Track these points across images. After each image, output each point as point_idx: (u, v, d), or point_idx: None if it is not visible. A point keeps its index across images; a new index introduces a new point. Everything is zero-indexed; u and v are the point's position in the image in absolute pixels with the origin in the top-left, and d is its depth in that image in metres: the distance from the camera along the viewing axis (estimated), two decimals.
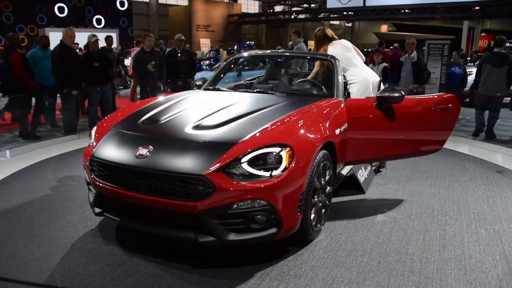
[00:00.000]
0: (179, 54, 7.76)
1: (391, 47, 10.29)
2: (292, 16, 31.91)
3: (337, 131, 3.27)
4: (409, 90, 6.73)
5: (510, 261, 2.80)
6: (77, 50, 9.41)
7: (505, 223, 3.43)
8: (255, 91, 4.04)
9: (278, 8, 37.07)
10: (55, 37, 9.29)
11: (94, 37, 6.35)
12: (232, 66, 5.13)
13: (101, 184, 2.79)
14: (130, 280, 2.51)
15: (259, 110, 3.18)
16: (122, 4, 19.34)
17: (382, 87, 4.38)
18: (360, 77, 4.27)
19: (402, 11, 24.49)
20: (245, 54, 5.14)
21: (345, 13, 26.88)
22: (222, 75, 4.80)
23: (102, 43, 8.59)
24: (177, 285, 2.46)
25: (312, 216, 2.90)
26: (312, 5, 33.52)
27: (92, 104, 6.63)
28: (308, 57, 5.34)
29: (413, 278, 2.57)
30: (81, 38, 11.17)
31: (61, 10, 17.06)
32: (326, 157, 3.00)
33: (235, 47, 19.27)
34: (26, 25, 16.14)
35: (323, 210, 3.17)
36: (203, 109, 3.28)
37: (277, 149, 2.55)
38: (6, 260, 2.77)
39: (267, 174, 2.50)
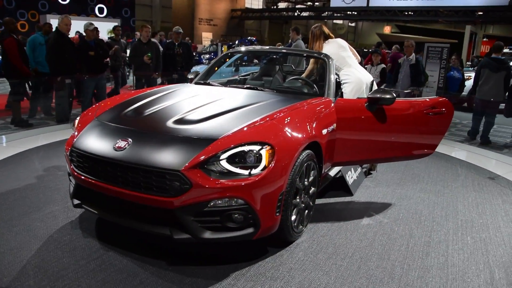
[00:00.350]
0: (176, 47, 7.69)
1: (392, 48, 10.22)
2: (296, 14, 31.75)
3: (324, 131, 3.21)
4: (406, 92, 6.66)
5: (493, 271, 2.75)
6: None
7: (492, 232, 3.38)
8: (245, 87, 3.98)
9: (282, 5, 36.88)
10: (56, 24, 9.17)
11: (91, 25, 6.28)
12: (226, 60, 5.06)
13: (80, 176, 2.74)
14: (103, 275, 2.46)
15: (245, 106, 3.12)
16: None
17: (376, 87, 4.32)
18: (354, 77, 4.22)
19: (406, 13, 24.35)
20: (239, 49, 5.07)
21: (348, 12, 26.74)
22: (215, 69, 4.74)
23: (104, 33, 8.52)
24: (149, 282, 2.41)
25: (293, 217, 2.85)
26: (316, 3, 33.39)
27: (86, 94, 6.57)
28: (303, 55, 5.25)
29: (393, 285, 2.52)
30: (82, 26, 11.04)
31: None
32: (311, 157, 2.94)
33: (236, 42, 19.16)
34: (27, 11, 16.02)
35: (306, 211, 3.12)
36: (188, 103, 3.22)
37: (257, 147, 2.49)
38: None
39: (246, 172, 2.44)
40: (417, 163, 5.25)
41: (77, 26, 11.21)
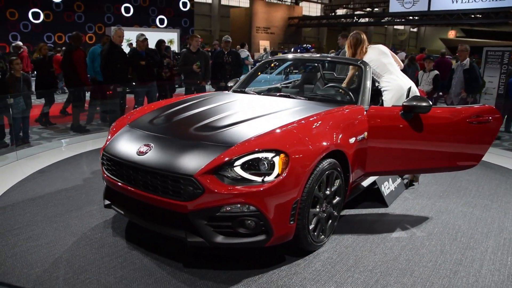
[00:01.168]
0: (225, 55, 7.89)
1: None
2: (354, 20, 31.05)
3: (352, 140, 3.13)
4: (459, 98, 6.26)
5: None
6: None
7: None
8: (277, 94, 4.00)
9: (340, 12, 36.32)
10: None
11: (142, 36, 6.67)
12: (266, 68, 5.12)
13: (109, 178, 2.92)
14: (122, 272, 2.60)
15: (269, 114, 3.14)
16: (184, 4, 20.14)
17: (414, 93, 4.12)
18: (394, 84, 4.07)
19: (472, 16, 22.75)
20: (275, 57, 5.11)
21: (410, 17, 25.60)
22: (253, 78, 4.81)
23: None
24: (163, 282, 2.51)
25: (312, 226, 2.80)
26: (376, 9, 32.38)
27: (138, 101, 6.96)
28: (340, 62, 5.15)
29: None
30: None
31: (127, 10, 18.17)
32: (333, 166, 2.88)
33: (291, 50, 19.20)
34: (94, 24, 17.42)
35: (330, 221, 3.06)
36: (216, 111, 3.31)
37: (271, 155, 2.49)
38: (23, 241, 3.00)
39: (259, 179, 2.46)
40: (467, 175, 4.91)
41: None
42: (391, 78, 4.09)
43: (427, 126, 3.40)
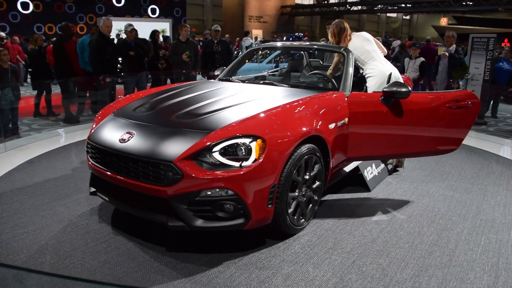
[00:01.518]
0: (215, 45, 7.90)
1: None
2: (347, 8, 30.82)
3: (332, 125, 3.19)
4: (445, 85, 6.33)
5: (500, 274, 2.60)
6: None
7: None
8: (261, 82, 4.05)
9: (332, 0, 36.04)
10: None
11: (130, 26, 6.66)
12: (253, 56, 5.15)
13: (93, 166, 2.98)
14: (106, 257, 2.67)
15: (250, 101, 3.20)
16: None
17: (395, 79, 4.17)
18: (377, 70, 4.12)
19: (464, 3, 22.68)
20: (260, 46, 5.14)
21: (403, 5, 25.51)
22: (241, 66, 4.84)
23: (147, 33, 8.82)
24: (145, 265, 2.58)
25: (291, 210, 2.88)
26: None
27: (128, 91, 6.98)
28: (322, 49, 5.18)
29: (384, 282, 2.48)
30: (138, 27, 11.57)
31: (118, 0, 18.00)
32: (312, 151, 2.95)
33: (284, 39, 19.11)
34: (85, 14, 17.24)
35: (310, 205, 3.13)
36: (200, 98, 3.35)
37: (248, 140, 2.56)
38: (10, 229, 3.06)
39: (237, 164, 2.52)
40: (451, 160, 5.01)
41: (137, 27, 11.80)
42: (375, 64, 4.14)
43: (407, 111, 3.47)
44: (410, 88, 3.45)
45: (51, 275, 2.31)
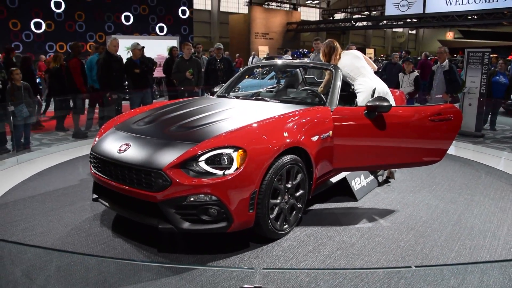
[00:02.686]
0: (218, 62, 8.25)
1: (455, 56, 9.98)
2: (352, 24, 31.06)
3: (315, 138, 3.43)
4: (441, 98, 6.52)
5: (467, 276, 2.77)
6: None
7: (489, 240, 3.33)
8: (253, 98, 4.34)
9: (338, 16, 36.42)
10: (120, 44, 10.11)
11: (138, 45, 7.09)
12: (247, 75, 5.47)
13: (95, 174, 3.29)
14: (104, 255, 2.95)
15: (238, 115, 3.47)
16: (184, 12, 20.65)
17: (379, 94, 4.38)
18: (366, 86, 4.35)
19: (469, 17, 22.74)
20: (256, 64, 5.46)
21: (408, 20, 25.68)
22: (237, 83, 5.15)
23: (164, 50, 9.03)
24: (138, 264, 2.84)
25: (273, 215, 3.11)
26: (374, 13, 32.37)
27: (133, 107, 7.35)
28: (315, 67, 5.45)
29: (353, 283, 2.67)
30: (146, 44, 12.01)
31: (127, 18, 18.71)
32: (294, 161, 3.19)
33: (284, 55, 19.50)
34: (95, 33, 17.99)
35: (294, 212, 3.36)
36: (193, 113, 3.64)
37: (229, 150, 2.82)
38: (20, 231, 3.37)
39: (220, 172, 2.79)
40: (443, 171, 5.18)
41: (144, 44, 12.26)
42: (364, 80, 4.37)
43: (390, 124, 3.69)
44: (391, 103, 3.69)
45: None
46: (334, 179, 4.17)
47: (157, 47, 9.23)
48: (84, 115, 7.62)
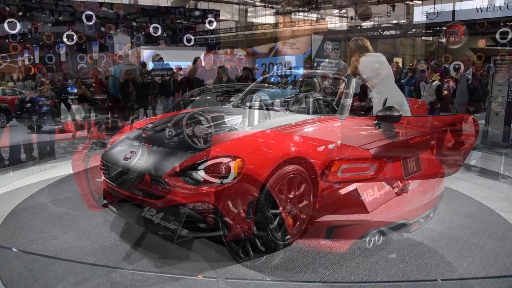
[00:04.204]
0: (239, 72, 8.36)
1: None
2: (379, 32, 30.42)
3: (321, 148, 3.41)
4: (464, 109, 6.31)
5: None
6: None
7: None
8: (264, 108, 4.36)
9: (366, 25, 35.82)
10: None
11: (157, 56, 7.35)
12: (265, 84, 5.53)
13: (104, 180, 3.41)
14: (107, 260, 3.05)
15: (245, 125, 3.52)
16: (211, 23, 21.11)
17: (404, 106, 4.29)
18: (382, 97, 4.28)
19: (502, 24, 21.77)
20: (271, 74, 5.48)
21: (437, 28, 24.93)
22: (252, 93, 5.19)
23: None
24: (136, 267, 2.92)
25: (273, 225, 3.10)
26: (402, 21, 31.67)
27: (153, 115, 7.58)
28: (329, 76, 5.42)
29: None
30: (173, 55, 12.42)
31: (155, 30, 19.30)
32: (297, 171, 3.18)
33: (315, 64, 19.45)
34: (124, 44, 18.69)
35: (297, 223, 3.34)
36: (201, 123, 3.72)
37: (227, 159, 2.86)
38: (34, 234, 3.54)
39: (218, 181, 2.83)
40: (466, 183, 4.98)
41: (172, 55, 12.67)
42: (381, 90, 4.29)
43: (401, 134, 3.63)
44: (400, 113, 3.62)
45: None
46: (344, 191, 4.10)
47: (185, 58, 9.47)
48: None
